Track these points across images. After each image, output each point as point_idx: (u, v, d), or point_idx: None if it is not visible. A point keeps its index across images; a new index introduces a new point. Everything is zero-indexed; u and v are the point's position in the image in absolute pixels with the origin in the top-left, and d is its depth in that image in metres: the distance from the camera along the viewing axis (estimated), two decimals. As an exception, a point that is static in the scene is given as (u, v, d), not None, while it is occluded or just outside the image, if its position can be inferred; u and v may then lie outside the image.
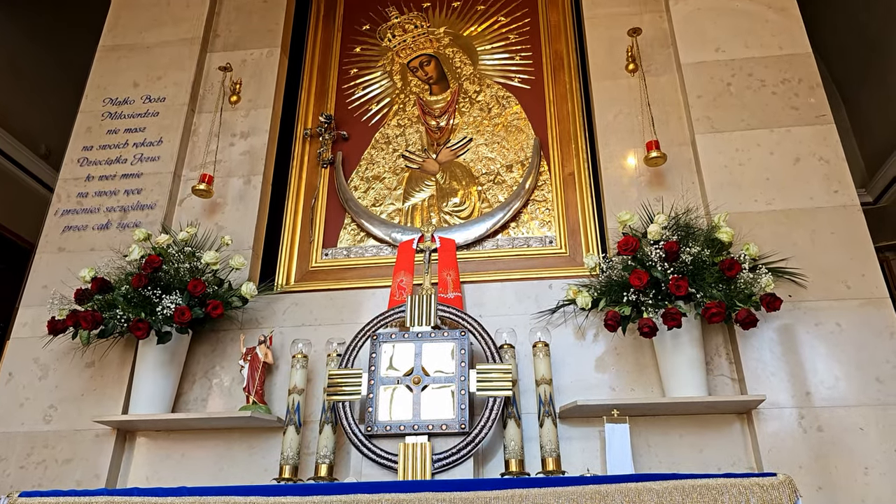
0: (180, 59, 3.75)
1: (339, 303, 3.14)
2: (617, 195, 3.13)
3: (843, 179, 2.87)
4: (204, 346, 3.10)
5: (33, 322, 3.13)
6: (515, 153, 3.54)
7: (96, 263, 3.05)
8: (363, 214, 3.47)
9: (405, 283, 3.01)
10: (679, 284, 2.45)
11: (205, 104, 3.71)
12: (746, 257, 2.58)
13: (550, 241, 3.29)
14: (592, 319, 2.87)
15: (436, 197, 3.51)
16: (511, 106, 3.68)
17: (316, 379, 2.90)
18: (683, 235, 2.70)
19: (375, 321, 2.79)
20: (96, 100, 3.71)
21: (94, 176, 3.49)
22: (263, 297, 3.14)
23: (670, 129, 3.21)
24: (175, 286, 2.87)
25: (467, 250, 3.29)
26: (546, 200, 3.40)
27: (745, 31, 3.27)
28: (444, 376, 2.57)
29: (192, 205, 3.42)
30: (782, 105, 3.07)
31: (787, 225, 2.82)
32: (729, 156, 3.02)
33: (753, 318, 2.40)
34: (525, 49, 3.82)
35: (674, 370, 2.57)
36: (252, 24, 3.93)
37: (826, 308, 2.64)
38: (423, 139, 3.68)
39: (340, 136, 3.71)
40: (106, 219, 3.37)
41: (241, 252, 3.22)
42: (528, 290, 3.02)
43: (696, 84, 3.21)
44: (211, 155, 3.50)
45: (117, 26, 3.95)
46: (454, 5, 4.05)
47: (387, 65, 3.94)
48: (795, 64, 3.15)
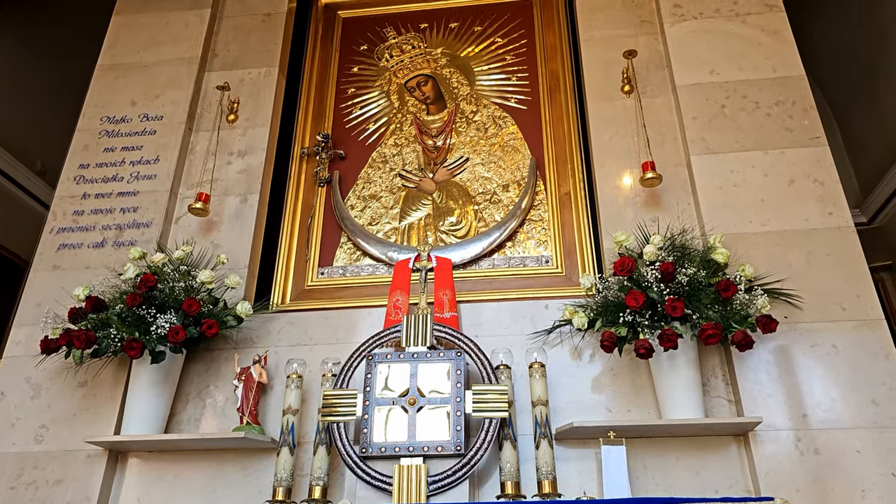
0: (178, 78, 3.77)
1: (334, 322, 3.13)
2: (613, 215, 3.14)
3: (838, 201, 2.88)
4: (198, 365, 3.07)
5: (26, 341, 3.11)
6: (512, 173, 3.56)
7: (91, 282, 3.03)
8: (359, 233, 3.47)
9: (401, 303, 3.00)
10: (675, 305, 2.45)
11: (202, 123, 3.72)
12: (742, 278, 2.58)
13: (546, 260, 3.30)
14: (589, 340, 2.87)
15: (432, 216, 3.52)
16: (507, 126, 3.70)
17: (310, 399, 2.88)
18: (679, 256, 2.70)
19: (371, 341, 2.78)
20: (94, 118, 3.72)
21: (91, 194, 3.49)
22: (258, 315, 3.12)
23: (666, 150, 3.23)
24: (170, 305, 2.85)
25: (463, 269, 3.29)
26: (542, 220, 3.41)
27: (739, 54, 3.31)
28: (439, 397, 2.56)
29: (189, 223, 3.41)
30: (776, 127, 3.10)
31: (782, 246, 2.83)
32: (724, 177, 3.03)
33: (750, 340, 2.40)
34: (521, 70, 3.85)
35: (670, 391, 2.56)
36: (250, 43, 3.96)
37: (822, 329, 2.64)
38: (419, 158, 3.69)
39: (337, 155, 3.73)
40: (101, 237, 3.37)
41: (237, 271, 3.22)
42: (524, 310, 3.01)
43: (690, 105, 3.24)
44: (208, 173, 3.50)
45: (116, 45, 3.97)
46: (451, 26, 4.09)
47: (384, 84, 3.97)
48: (789, 86, 3.18)
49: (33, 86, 5.86)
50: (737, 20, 3.41)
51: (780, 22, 3.37)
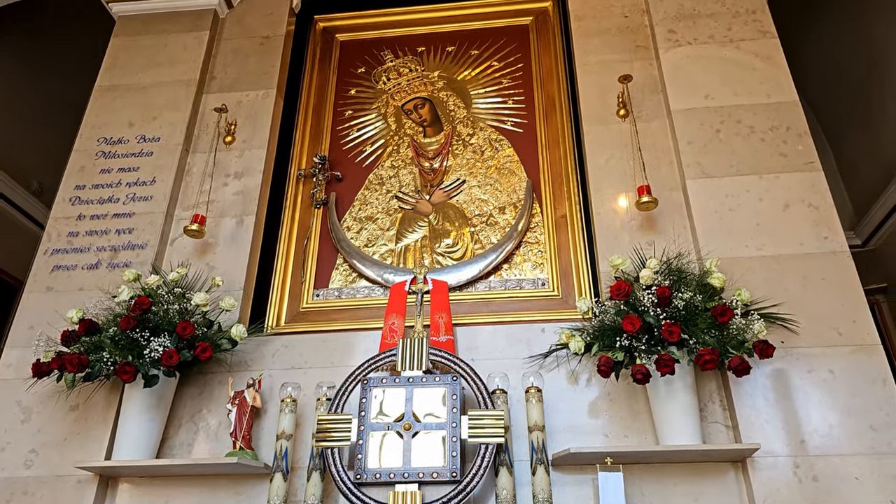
0: (176, 100, 3.79)
1: (329, 345, 3.10)
2: (609, 239, 3.14)
3: (833, 226, 2.89)
4: (191, 388, 3.04)
5: (18, 363, 3.08)
6: (508, 195, 3.57)
7: (85, 304, 3.01)
8: (355, 255, 3.46)
9: (397, 326, 2.99)
10: (672, 330, 2.44)
11: (199, 144, 3.73)
12: (738, 303, 2.58)
13: (543, 283, 3.29)
14: (585, 364, 2.85)
15: (428, 238, 3.52)
16: (504, 149, 3.72)
17: (305, 424, 2.85)
18: (675, 280, 2.70)
19: (366, 365, 2.76)
20: (91, 139, 3.72)
21: (86, 215, 3.48)
22: (253, 338, 3.10)
23: (661, 173, 3.24)
24: (164, 328, 2.83)
25: (459, 292, 3.28)
26: (538, 242, 3.41)
27: (734, 80, 3.34)
28: (435, 422, 2.54)
29: (184, 245, 3.40)
30: (771, 152, 3.12)
31: (777, 270, 2.83)
32: (719, 201, 3.04)
33: (747, 366, 2.39)
34: (518, 93, 3.88)
35: (668, 417, 2.54)
36: (248, 66, 3.98)
37: (818, 355, 2.64)
38: (416, 180, 3.70)
39: (334, 176, 3.73)
40: (96, 258, 3.35)
41: (232, 293, 3.20)
42: (520, 334, 3.00)
43: (686, 130, 3.26)
44: (204, 195, 3.50)
45: (115, 66, 3.99)
46: (448, 50, 4.12)
47: (381, 107, 3.99)
48: (783, 112, 3.21)
49: (31, 105, 5.88)
50: (731, 46, 3.45)
51: (774, 48, 3.40)
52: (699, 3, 3.63)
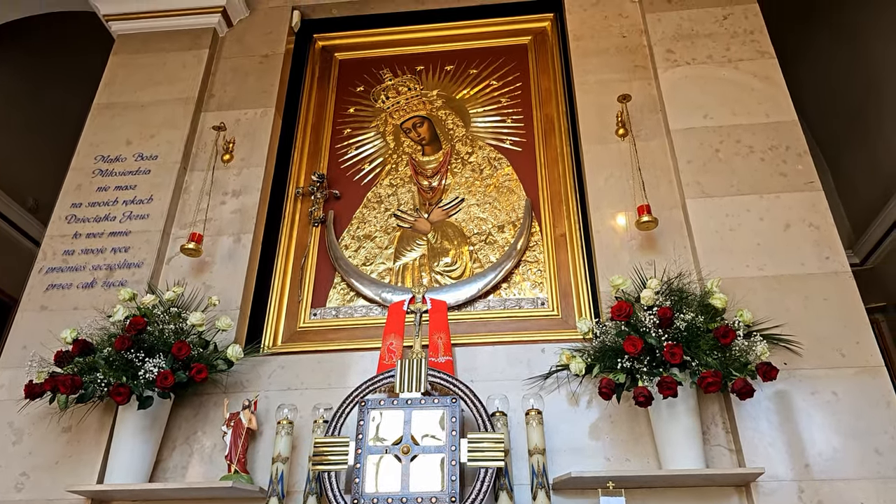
0: (174, 118, 3.78)
1: (326, 366, 3.07)
2: (609, 258, 3.12)
3: (834, 246, 2.88)
4: (186, 410, 3.00)
5: (10, 384, 3.03)
6: (507, 214, 3.55)
7: (79, 324, 2.97)
8: (353, 273, 3.44)
9: (395, 347, 2.96)
10: (674, 352, 2.41)
11: (197, 162, 3.71)
12: (740, 324, 2.55)
13: (542, 302, 3.27)
14: (586, 385, 2.82)
15: (427, 256, 3.49)
16: (503, 167, 3.71)
17: (301, 446, 2.80)
18: (676, 300, 2.68)
19: (364, 386, 2.73)
20: (88, 157, 3.70)
21: (82, 233, 3.45)
22: (249, 359, 3.06)
23: (661, 192, 3.23)
24: (159, 348, 2.79)
25: (458, 311, 3.26)
26: (538, 261, 3.39)
27: (732, 99, 3.34)
28: (434, 445, 2.49)
29: (180, 263, 3.37)
30: (771, 171, 3.11)
31: (779, 291, 2.81)
32: (719, 221, 3.03)
33: (750, 389, 2.36)
34: (516, 112, 3.88)
35: (670, 440, 2.51)
36: (248, 84, 3.98)
37: (822, 377, 2.61)
38: (415, 199, 3.69)
39: (332, 194, 3.72)
40: (91, 277, 3.32)
41: (229, 312, 3.16)
42: (520, 354, 2.96)
43: (685, 149, 3.25)
44: (201, 213, 3.48)
45: (113, 84, 3.99)
46: (447, 69, 4.13)
47: (380, 125, 3.99)
48: (782, 131, 3.21)
49: (28, 122, 5.88)
50: (729, 66, 3.46)
51: (772, 68, 3.41)
52: (697, 23, 3.65)
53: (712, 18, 3.65)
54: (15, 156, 5.79)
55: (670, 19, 3.69)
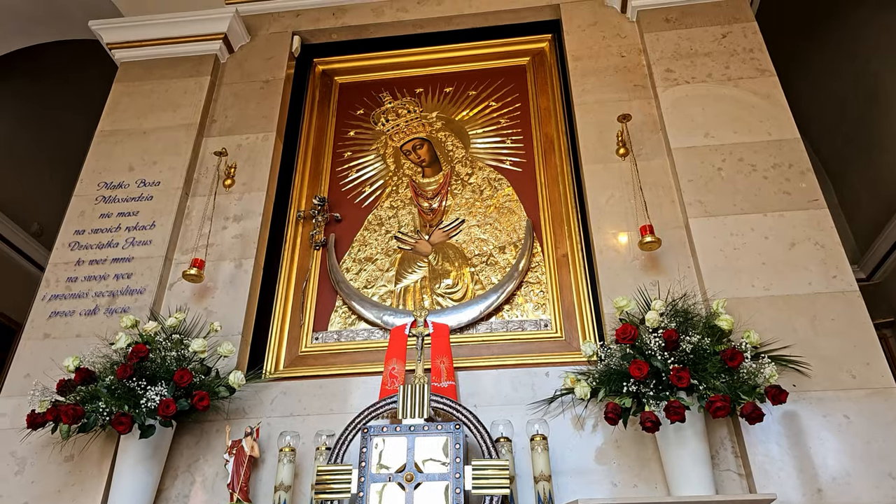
0: (176, 144, 3.79)
1: (328, 391, 3.04)
2: (612, 279, 3.09)
3: (841, 265, 2.84)
4: (188, 437, 2.97)
5: (13, 413, 3.01)
6: (508, 234, 3.54)
7: (82, 351, 2.96)
8: (354, 297, 3.42)
9: (397, 372, 2.93)
10: (681, 376, 2.37)
11: (199, 188, 3.72)
12: (748, 345, 2.51)
13: (545, 324, 3.24)
14: (592, 409, 2.78)
15: (428, 278, 3.48)
16: (503, 188, 3.71)
17: (303, 474, 2.77)
18: (682, 322, 2.65)
19: (366, 413, 2.70)
20: (91, 184, 3.72)
21: (85, 260, 3.45)
22: (251, 385, 3.04)
23: (663, 212, 3.21)
24: (161, 376, 2.78)
25: (460, 333, 3.23)
26: (540, 282, 3.37)
27: (733, 118, 3.33)
28: (437, 473, 2.45)
29: (182, 289, 3.37)
30: (774, 190, 3.09)
31: (786, 311, 2.77)
32: (723, 240, 3.00)
33: (760, 413, 2.31)
34: (516, 133, 3.88)
35: (678, 465, 2.46)
36: (249, 109, 3.99)
37: (832, 399, 2.56)
38: (415, 220, 3.68)
39: (333, 217, 3.72)
40: (94, 304, 3.31)
41: (231, 338, 3.15)
42: (524, 378, 2.93)
43: (686, 168, 3.24)
44: (203, 238, 3.48)
45: (116, 111, 4.01)
46: (446, 90, 4.14)
47: (380, 148, 3.99)
48: (785, 149, 3.19)
49: (34, 148, 5.92)
50: (729, 84, 3.45)
51: (773, 86, 3.41)
52: (696, 42, 3.65)
53: (711, 37, 3.66)
54: (20, 181, 5.82)
55: (669, 39, 3.70)
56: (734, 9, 3.75)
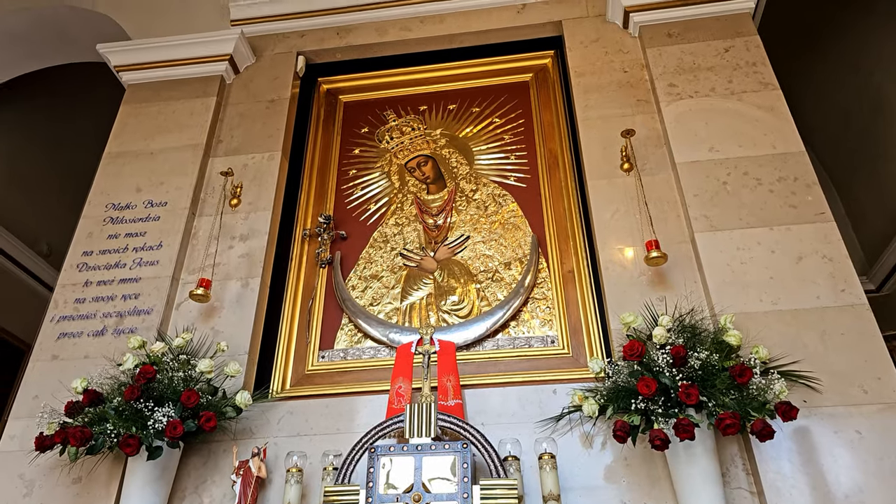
0: (183, 165, 3.82)
1: (335, 410, 3.03)
2: (618, 294, 3.08)
3: (850, 278, 2.82)
4: (195, 458, 2.96)
5: (21, 435, 3.02)
6: (513, 250, 3.54)
7: (90, 373, 2.97)
8: (360, 314, 3.42)
9: (403, 390, 2.92)
10: (690, 393, 2.36)
11: (205, 208, 3.74)
12: (756, 361, 2.49)
13: (552, 340, 3.22)
14: (600, 426, 2.76)
15: (434, 295, 3.47)
16: (507, 204, 3.71)
17: (311, 495, 2.76)
18: (689, 337, 2.63)
19: (373, 432, 2.68)
20: (99, 205, 3.75)
21: (93, 281, 3.47)
22: (258, 404, 3.03)
23: (669, 227, 3.20)
24: (168, 397, 2.78)
25: (467, 350, 3.22)
26: (546, 298, 3.36)
27: (737, 132, 3.32)
28: (445, 493, 2.43)
29: (189, 309, 3.37)
30: (780, 203, 3.07)
31: (795, 326, 2.75)
32: (730, 254, 2.99)
33: (770, 430, 2.28)
34: (520, 149, 3.89)
35: (688, 483, 2.43)
36: (254, 129, 4.02)
37: (844, 414, 2.53)
38: (420, 237, 3.68)
39: (339, 235, 3.73)
40: (102, 325, 3.32)
41: (237, 357, 3.15)
42: (531, 396, 2.91)
43: (691, 183, 3.23)
44: (210, 258, 3.49)
45: (123, 133, 4.05)
46: (450, 108, 4.17)
47: (385, 165, 4.01)
48: (790, 162, 3.18)
49: (40, 169, 5.98)
50: (733, 98, 3.45)
51: (776, 99, 3.40)
52: (698, 56, 3.66)
53: (713, 51, 3.66)
54: (29, 202, 5.88)
55: (671, 53, 3.71)
56: (736, 23, 3.76)
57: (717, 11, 3.82)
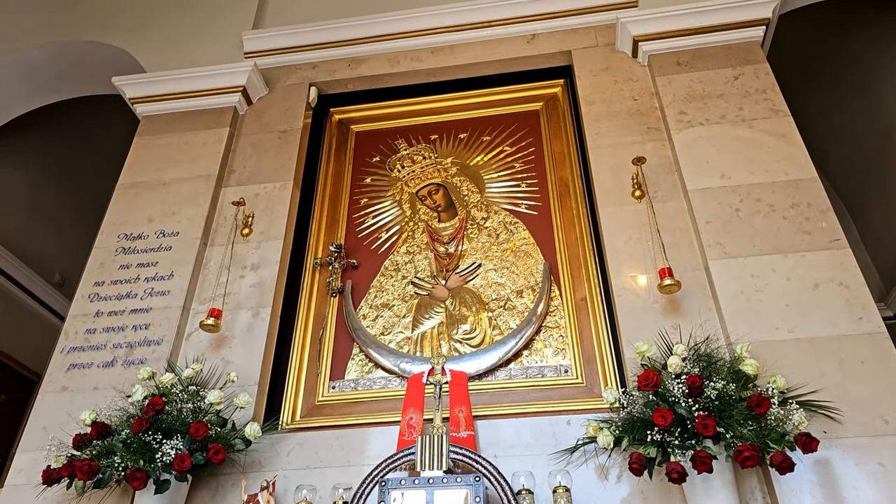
0: (195, 195, 3.85)
1: (345, 442, 2.99)
2: (632, 323, 3.04)
3: (867, 305, 2.77)
4: (203, 491, 2.92)
5: (29, 468, 3.00)
6: (525, 278, 3.51)
7: (99, 404, 2.97)
8: (371, 344, 3.40)
9: (415, 422, 2.88)
10: (706, 424, 2.30)
11: (217, 237, 3.76)
12: (774, 391, 2.44)
13: (566, 369, 3.18)
14: (615, 458, 2.69)
15: (445, 324, 3.45)
16: (519, 231, 3.70)
17: (320, 529, 2.71)
18: (705, 366, 2.58)
19: (384, 465, 2.64)
20: (111, 236, 3.77)
21: (104, 312, 3.47)
22: (267, 436, 3.00)
23: (682, 254, 3.17)
24: (177, 429, 2.75)
25: (479, 381, 3.19)
26: (559, 327, 3.32)
27: (749, 158, 3.31)
28: (458, 528, 2.38)
29: (200, 339, 3.37)
30: (794, 230, 3.04)
31: (812, 354, 2.70)
32: (745, 282, 2.95)
33: (790, 463, 2.22)
34: (531, 177, 3.89)
35: (707, 517, 2.37)
36: (266, 159, 4.06)
37: (866, 445, 2.46)
38: (432, 265, 3.67)
39: (350, 264, 3.72)
40: (112, 356, 3.32)
41: (247, 388, 3.13)
42: (544, 427, 2.86)
43: (703, 210, 3.21)
44: (221, 288, 3.49)
45: (137, 164, 4.09)
46: (461, 136, 4.19)
47: (396, 194, 4.02)
48: (803, 189, 3.16)
49: (53, 200, 6.06)
50: (743, 125, 3.45)
51: (787, 126, 3.39)
52: (708, 84, 3.67)
53: (723, 79, 3.67)
54: (43, 233, 5.94)
55: (681, 81, 3.72)
56: (745, 51, 3.78)
57: (725, 40, 3.84)
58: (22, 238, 5.73)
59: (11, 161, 5.65)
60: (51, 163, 5.98)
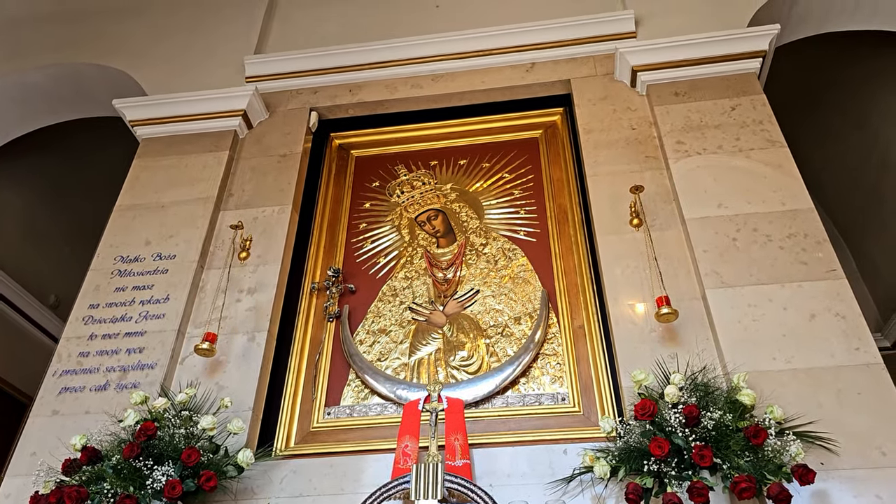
0: (193, 218, 3.85)
1: (340, 470, 2.95)
2: (629, 351, 3.03)
3: (864, 336, 2.77)
4: (194, 519, 2.87)
5: (17, 494, 2.95)
6: (523, 305, 3.51)
7: (90, 429, 2.92)
8: (368, 370, 3.37)
9: (410, 450, 2.85)
10: (703, 454, 2.29)
11: (214, 261, 3.75)
12: (771, 421, 2.43)
13: (563, 398, 3.16)
14: (612, 488, 2.66)
15: (443, 350, 3.43)
16: (517, 258, 3.70)
17: (313, 560, 2.66)
18: (702, 396, 2.57)
19: (378, 493, 2.61)
20: (108, 258, 3.76)
21: (98, 334, 3.45)
22: (260, 463, 2.95)
23: (679, 283, 3.18)
24: (168, 455, 2.72)
25: (475, 408, 3.16)
26: (556, 354, 3.31)
27: (746, 188, 3.33)
28: (452, 559, 2.35)
29: (194, 363, 3.34)
30: (791, 260, 3.05)
31: (809, 385, 2.69)
32: (742, 311, 2.95)
33: (788, 495, 2.20)
34: (530, 203, 3.91)
35: (705, 551, 2.33)
36: (266, 183, 4.07)
37: (863, 478, 2.44)
38: (430, 291, 3.67)
39: (348, 289, 3.72)
40: (105, 379, 3.29)
41: (241, 413, 3.09)
42: (541, 456, 2.83)
43: (701, 239, 3.22)
44: (216, 311, 3.47)
45: (135, 186, 4.10)
46: (460, 163, 4.21)
47: (395, 219, 4.03)
48: (799, 219, 3.18)
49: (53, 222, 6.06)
50: (740, 155, 3.48)
51: (784, 157, 3.42)
52: (706, 115, 3.71)
53: (720, 110, 3.72)
54: (39, 254, 5.93)
55: (678, 111, 3.76)
56: (742, 82, 3.83)
57: (722, 71, 3.89)
58: (17, 259, 5.72)
59: (7, 182, 5.66)
60: (47, 184, 5.99)
